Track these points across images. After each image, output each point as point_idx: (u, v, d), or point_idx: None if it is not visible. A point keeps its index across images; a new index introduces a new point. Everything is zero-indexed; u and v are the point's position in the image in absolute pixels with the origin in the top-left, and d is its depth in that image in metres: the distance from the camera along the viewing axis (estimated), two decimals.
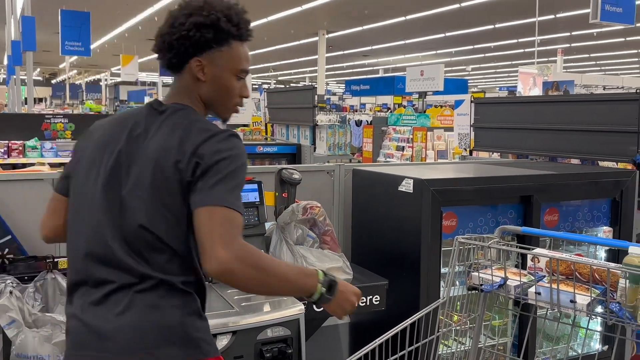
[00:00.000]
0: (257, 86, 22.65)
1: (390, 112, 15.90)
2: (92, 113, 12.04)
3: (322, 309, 2.52)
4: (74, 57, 22.01)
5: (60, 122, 7.03)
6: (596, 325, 3.03)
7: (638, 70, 31.46)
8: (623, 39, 20.72)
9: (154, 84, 26.72)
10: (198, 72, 1.62)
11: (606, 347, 3.20)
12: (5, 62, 18.87)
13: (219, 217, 1.44)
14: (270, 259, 1.60)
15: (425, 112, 11.56)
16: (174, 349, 1.48)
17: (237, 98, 1.72)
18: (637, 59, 26.94)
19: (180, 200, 1.49)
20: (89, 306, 1.51)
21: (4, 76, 26.26)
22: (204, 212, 1.45)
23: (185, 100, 1.64)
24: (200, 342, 1.53)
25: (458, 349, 2.56)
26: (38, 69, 31.29)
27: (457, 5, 15.79)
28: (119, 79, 22.45)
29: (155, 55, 1.67)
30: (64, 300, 2.36)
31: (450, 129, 8.73)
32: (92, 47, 12.76)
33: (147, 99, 17.42)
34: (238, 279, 1.43)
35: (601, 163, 3.73)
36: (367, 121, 11.65)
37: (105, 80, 33.49)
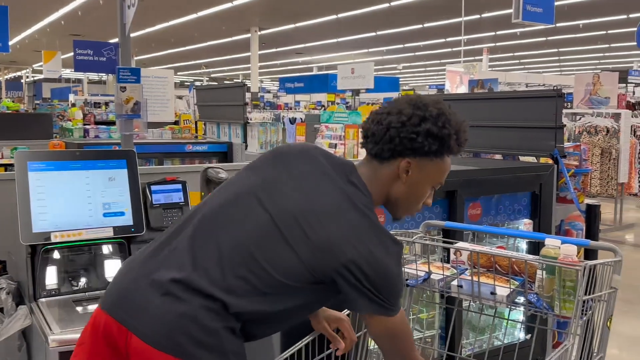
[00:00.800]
0: (189, 83, 22.21)
1: (324, 109, 15.98)
2: (10, 112, 11.43)
3: None
4: None
5: None
6: (519, 315, 3.13)
7: (558, 68, 33.03)
8: (544, 38, 21.67)
9: (79, 80, 25.68)
10: (403, 172, 1.61)
11: (529, 335, 3.31)
12: None
13: None
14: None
15: (357, 110, 11.68)
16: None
17: (421, 205, 1.72)
18: (557, 58, 28.26)
19: None
20: None
21: None
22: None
23: (372, 187, 1.62)
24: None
25: None
26: None
27: (386, 5, 16.03)
28: (41, 76, 21.45)
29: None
30: None
31: None
32: (10, 43, 12.10)
33: (72, 97, 16.71)
34: None
35: (522, 158, 3.86)
36: (300, 119, 11.65)
37: (27, 77, 31.94)
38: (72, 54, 3.17)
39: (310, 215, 1.52)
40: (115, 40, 3.11)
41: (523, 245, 3.33)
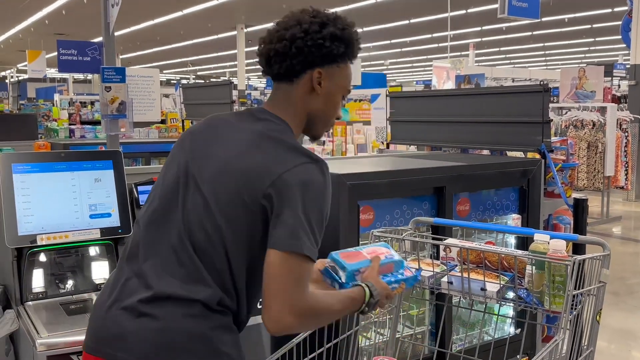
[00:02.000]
0: (174, 82, 22.08)
1: None
2: None
3: None
4: None
5: None
6: (509, 310, 3.14)
7: (544, 63, 33.23)
8: (530, 33, 21.79)
9: (64, 80, 25.44)
10: (316, 84, 1.60)
11: (519, 330, 3.33)
12: None
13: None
14: (324, 301, 1.55)
15: (344, 106, 11.67)
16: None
17: (334, 118, 1.71)
18: (543, 52, 28.44)
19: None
20: None
21: None
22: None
23: (288, 113, 1.62)
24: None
25: (378, 341, 2.58)
26: None
27: (372, 1, 16.03)
28: (25, 76, 21.23)
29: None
30: None
31: (369, 123, 8.85)
32: None
33: (57, 96, 16.56)
34: (294, 331, 1.50)
35: (510, 153, 3.87)
36: None
37: (12, 77, 31.60)
38: (56, 53, 3.13)
39: (231, 164, 1.53)
40: (100, 39, 3.07)
41: (512, 240, 3.34)
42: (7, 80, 32.56)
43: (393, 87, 15.56)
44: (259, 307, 1.50)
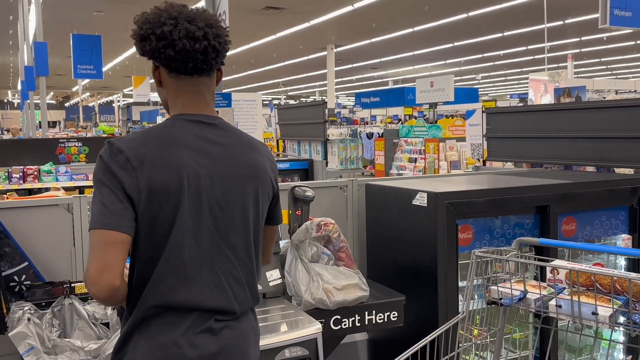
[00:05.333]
0: (267, 102, 22.74)
1: (401, 123, 15.87)
2: (106, 135, 12.15)
3: (339, 327, 2.51)
4: (87, 80, 22.29)
5: (74, 145, 7.10)
6: (619, 335, 2.97)
7: None
8: (633, 42, 20.60)
9: None
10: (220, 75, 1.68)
11: (629, 357, 3.14)
12: (19, 87, 19.12)
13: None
14: None
15: (436, 122, 11.54)
16: None
17: None
18: None
19: None
20: None
21: (18, 101, 26.59)
22: None
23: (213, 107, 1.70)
24: None
25: None
26: (51, 93, 31.70)
27: (464, 15, 15.80)
28: (131, 100, 22.67)
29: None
30: (82, 324, 2.36)
31: (463, 139, 8.69)
32: (104, 69, 12.89)
33: (159, 119, 17.54)
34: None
35: (617, 170, 3.68)
36: (378, 134, 11.64)
37: (118, 101, 33.84)
38: None
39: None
40: None
41: (622, 262, 3.17)
42: (114, 105, 34.91)
43: (486, 102, 15.21)
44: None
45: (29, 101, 13.18)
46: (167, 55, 1.54)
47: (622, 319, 1.85)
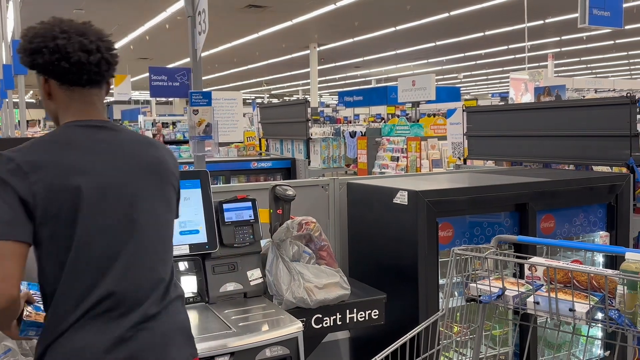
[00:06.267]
0: (250, 101, 22.68)
1: (384, 122, 15.93)
2: None
3: (320, 326, 2.52)
4: None
5: None
6: (597, 331, 3.01)
7: (628, 72, 31.67)
8: (612, 42, 20.88)
9: (148, 102, 26.73)
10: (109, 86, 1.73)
11: (607, 352, 3.19)
12: None
13: None
14: None
15: (418, 121, 11.59)
16: None
17: None
18: (626, 61, 27.12)
19: None
20: None
21: None
22: None
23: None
24: None
25: None
26: (30, 92, 31.30)
27: (446, 14, 15.89)
28: (112, 99, 22.46)
29: (146, 75, 1.71)
30: None
31: (444, 138, 8.74)
32: None
33: (141, 117, 17.39)
34: None
35: (595, 168, 3.73)
36: (361, 132, 11.67)
37: None
38: (140, 76, 3.31)
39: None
40: (181, 62, 3.22)
41: (599, 258, 3.21)
42: None
43: (468, 101, 15.31)
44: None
45: (7, 100, 13.01)
46: (61, 67, 1.56)
47: (599, 315, 1.88)
